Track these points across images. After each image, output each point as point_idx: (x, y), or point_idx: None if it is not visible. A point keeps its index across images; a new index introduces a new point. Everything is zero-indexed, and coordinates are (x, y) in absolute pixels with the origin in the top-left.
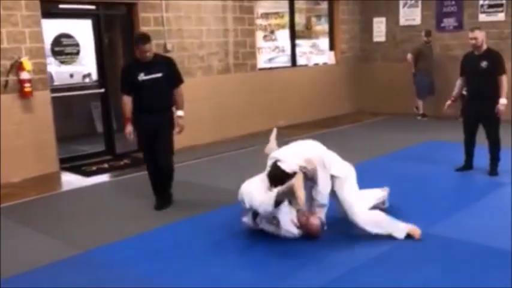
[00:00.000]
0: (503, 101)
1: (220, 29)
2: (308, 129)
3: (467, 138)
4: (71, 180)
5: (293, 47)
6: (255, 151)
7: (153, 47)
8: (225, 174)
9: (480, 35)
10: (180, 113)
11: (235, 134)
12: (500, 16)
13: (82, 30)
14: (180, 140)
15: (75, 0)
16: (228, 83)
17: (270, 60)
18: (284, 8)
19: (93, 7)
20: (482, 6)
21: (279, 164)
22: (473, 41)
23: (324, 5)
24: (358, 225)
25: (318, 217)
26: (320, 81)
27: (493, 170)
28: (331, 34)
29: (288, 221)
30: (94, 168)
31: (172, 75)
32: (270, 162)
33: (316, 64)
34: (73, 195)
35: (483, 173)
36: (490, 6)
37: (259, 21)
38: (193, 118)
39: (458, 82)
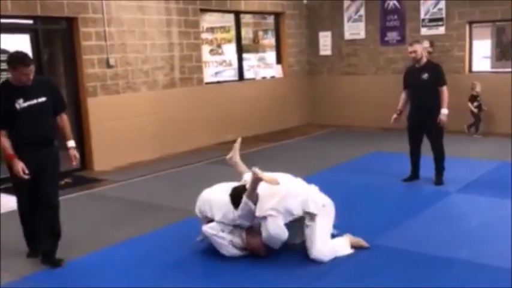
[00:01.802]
0: (444, 111)
1: (165, 43)
2: (257, 142)
3: (412, 149)
4: (8, 202)
5: (240, 60)
6: (201, 167)
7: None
8: (169, 192)
9: (419, 48)
10: (71, 143)
11: (182, 149)
12: (441, 30)
13: (20, 46)
14: (123, 157)
15: (12, 15)
16: (173, 98)
17: (217, 74)
18: (230, 22)
19: (31, 21)
20: (423, 20)
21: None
22: (413, 54)
23: (271, 20)
24: (316, 259)
25: (259, 236)
26: (268, 95)
27: (439, 180)
28: (278, 48)
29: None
30: None
31: (55, 100)
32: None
33: (264, 78)
34: (12, 218)
35: (429, 183)
36: (430, 20)
37: (205, 35)
38: (138, 134)
39: (403, 95)
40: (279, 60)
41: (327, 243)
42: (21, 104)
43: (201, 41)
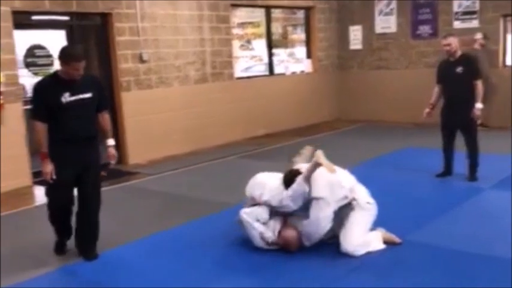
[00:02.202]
0: (479, 105)
1: (197, 38)
2: (287, 137)
3: (445, 145)
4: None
5: (270, 55)
6: (233, 161)
7: None
8: (203, 185)
9: (454, 41)
10: (111, 141)
11: (213, 144)
12: (474, 23)
13: (55, 41)
14: (157, 151)
15: (48, 11)
16: (205, 93)
17: (247, 69)
18: (260, 17)
19: (66, 18)
20: (456, 13)
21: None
22: (447, 48)
23: (300, 14)
24: (348, 253)
25: (295, 230)
26: (298, 90)
27: (472, 176)
28: (308, 42)
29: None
30: None
31: (100, 97)
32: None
33: (294, 72)
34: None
35: (462, 179)
36: (464, 13)
37: (235, 31)
38: (170, 128)
39: (435, 89)
40: (309, 55)
41: (361, 238)
42: (66, 98)
43: (231, 36)
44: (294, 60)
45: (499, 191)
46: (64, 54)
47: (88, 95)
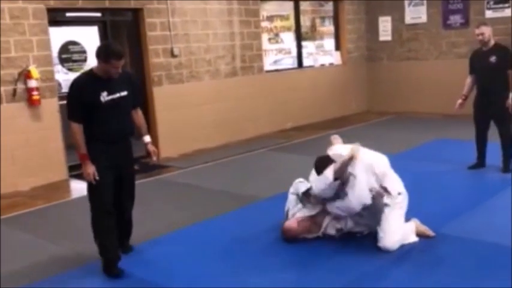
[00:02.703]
0: None
1: (227, 32)
2: (316, 130)
3: (478, 136)
4: (80, 188)
5: (299, 48)
6: (263, 154)
7: None
8: (234, 178)
9: (487, 30)
10: (148, 138)
11: (243, 137)
12: (507, 12)
13: (89, 37)
14: (188, 144)
15: (82, 8)
16: (235, 86)
17: (276, 62)
18: (288, 10)
19: (99, 14)
20: (488, 2)
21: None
22: (480, 37)
23: (329, 6)
24: (385, 248)
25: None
26: (327, 82)
27: (506, 167)
28: (337, 34)
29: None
30: None
31: (134, 94)
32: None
33: (323, 65)
34: (83, 203)
35: (496, 171)
36: (496, 2)
37: (264, 24)
38: (201, 122)
39: (468, 80)
40: (337, 46)
41: (399, 234)
42: (105, 97)
43: (260, 30)
44: (323, 53)
45: None
46: (104, 52)
47: (125, 93)
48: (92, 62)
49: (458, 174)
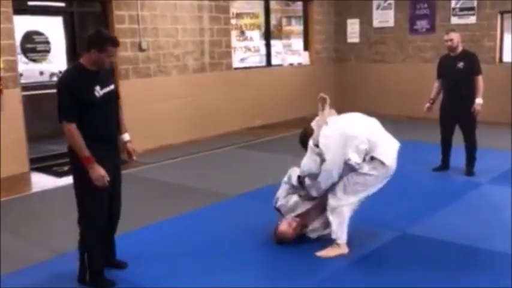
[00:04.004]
0: (479, 100)
1: (196, 28)
2: (284, 128)
3: (443, 139)
4: (42, 181)
5: (268, 47)
6: (231, 151)
7: None
8: (201, 175)
9: (455, 36)
10: (127, 136)
11: (211, 133)
12: (472, 19)
13: (53, 28)
14: (154, 140)
15: None
16: (203, 82)
17: (245, 60)
18: (257, 8)
19: (64, 4)
20: (454, 9)
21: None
22: (449, 43)
23: (297, 6)
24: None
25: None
26: (295, 81)
27: (470, 170)
28: (306, 34)
29: None
30: (66, 168)
31: (116, 86)
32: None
33: (291, 64)
34: (45, 196)
35: (459, 173)
36: (461, 9)
37: (233, 21)
38: (168, 117)
39: (436, 84)
40: (306, 47)
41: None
42: (99, 91)
43: (230, 27)
44: (291, 52)
45: (496, 185)
46: (100, 38)
47: (112, 87)
48: (56, 53)
49: (423, 175)
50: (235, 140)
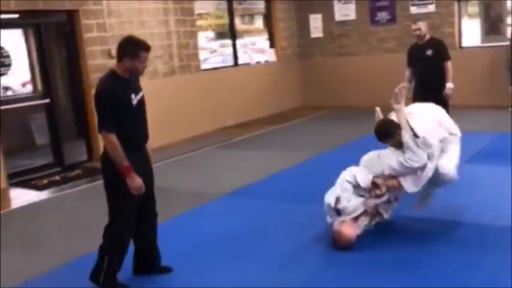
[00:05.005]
0: (450, 85)
1: (163, 32)
2: (257, 126)
3: None
4: (22, 196)
5: (234, 46)
6: (207, 152)
7: None
8: (185, 176)
9: (423, 25)
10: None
11: (185, 136)
12: (431, 8)
13: (19, 41)
14: None
15: (13, 10)
16: (174, 85)
17: (212, 60)
18: (222, 8)
19: (27, 16)
20: None
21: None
22: (417, 32)
23: (261, 5)
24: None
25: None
26: (263, 79)
27: None
28: (270, 32)
29: None
30: (45, 181)
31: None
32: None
33: (258, 62)
34: (25, 212)
35: None
36: None
37: (199, 22)
38: None
39: (407, 72)
40: (271, 44)
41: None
42: (133, 99)
43: (196, 28)
44: (257, 50)
45: (470, 165)
46: (133, 45)
47: (142, 93)
48: (17, 67)
49: None
50: (211, 141)
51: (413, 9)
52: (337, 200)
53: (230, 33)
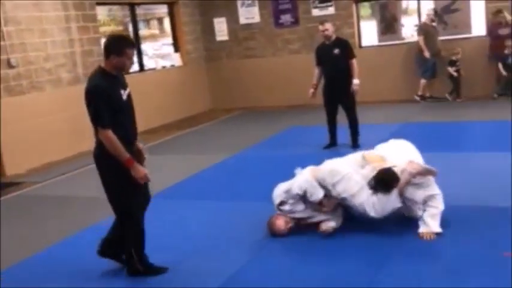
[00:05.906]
0: (356, 81)
1: (65, 39)
2: (168, 131)
3: (329, 120)
4: None
5: (139, 52)
6: None
7: None
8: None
9: (330, 26)
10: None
11: (91, 147)
12: (331, 10)
13: None
14: (36, 158)
15: None
16: (79, 94)
17: None
18: (124, 14)
19: None
20: (314, 1)
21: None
22: (325, 32)
23: (164, 9)
24: None
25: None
26: (170, 83)
27: (355, 143)
28: (175, 36)
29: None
30: None
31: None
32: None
33: (164, 67)
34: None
35: (347, 147)
36: (320, 1)
37: (102, 29)
38: (48, 133)
39: (316, 71)
40: (176, 48)
41: None
42: (123, 95)
43: (100, 35)
44: (163, 55)
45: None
46: (119, 43)
47: (129, 90)
48: None
49: (316, 154)
50: None
51: (316, 12)
52: (282, 203)
53: (134, 38)
